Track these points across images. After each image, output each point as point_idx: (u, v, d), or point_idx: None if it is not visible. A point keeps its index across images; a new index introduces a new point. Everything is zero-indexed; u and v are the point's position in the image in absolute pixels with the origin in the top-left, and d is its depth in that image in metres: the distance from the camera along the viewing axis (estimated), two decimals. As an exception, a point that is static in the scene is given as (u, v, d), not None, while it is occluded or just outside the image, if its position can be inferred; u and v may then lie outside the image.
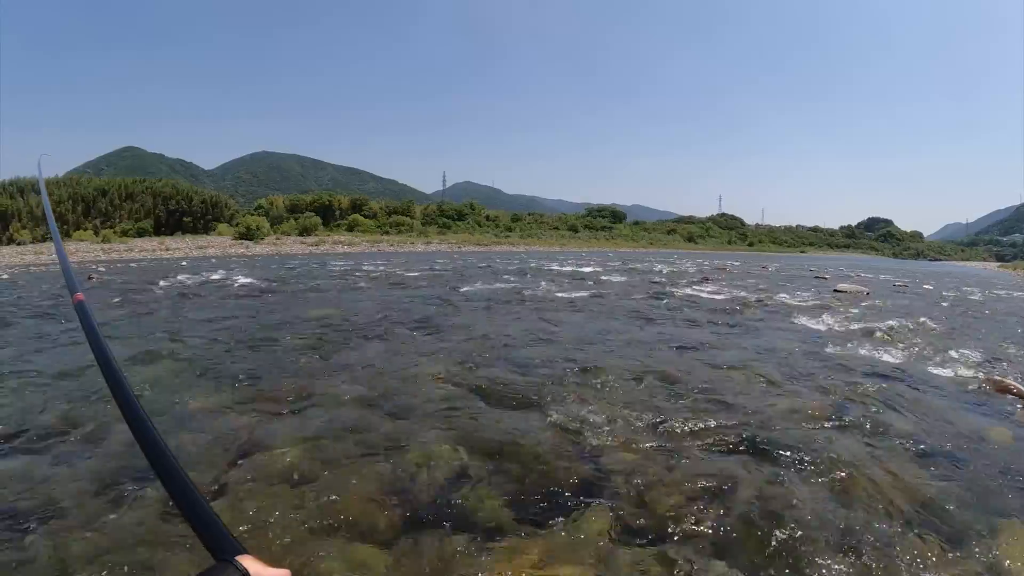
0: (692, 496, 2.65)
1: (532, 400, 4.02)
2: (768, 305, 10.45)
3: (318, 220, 47.13)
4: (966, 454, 3.31)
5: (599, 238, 62.68)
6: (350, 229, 48.50)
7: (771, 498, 2.64)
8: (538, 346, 5.99)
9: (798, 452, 3.17)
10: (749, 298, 11.40)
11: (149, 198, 40.68)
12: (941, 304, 11.99)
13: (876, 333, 7.37)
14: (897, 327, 7.90)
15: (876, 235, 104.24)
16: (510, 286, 12.68)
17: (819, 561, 2.19)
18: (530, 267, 20.34)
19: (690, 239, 71.73)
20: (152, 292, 10.75)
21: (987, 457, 3.28)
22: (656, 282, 14.93)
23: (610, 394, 4.21)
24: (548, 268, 19.97)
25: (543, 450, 3.14)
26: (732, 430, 3.49)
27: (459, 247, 40.75)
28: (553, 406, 3.87)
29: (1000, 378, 4.88)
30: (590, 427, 3.51)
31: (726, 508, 2.54)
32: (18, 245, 27.37)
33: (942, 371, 5.37)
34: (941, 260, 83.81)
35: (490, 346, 5.89)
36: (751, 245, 75.64)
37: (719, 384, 4.59)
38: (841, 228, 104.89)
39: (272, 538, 2.26)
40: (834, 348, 6.27)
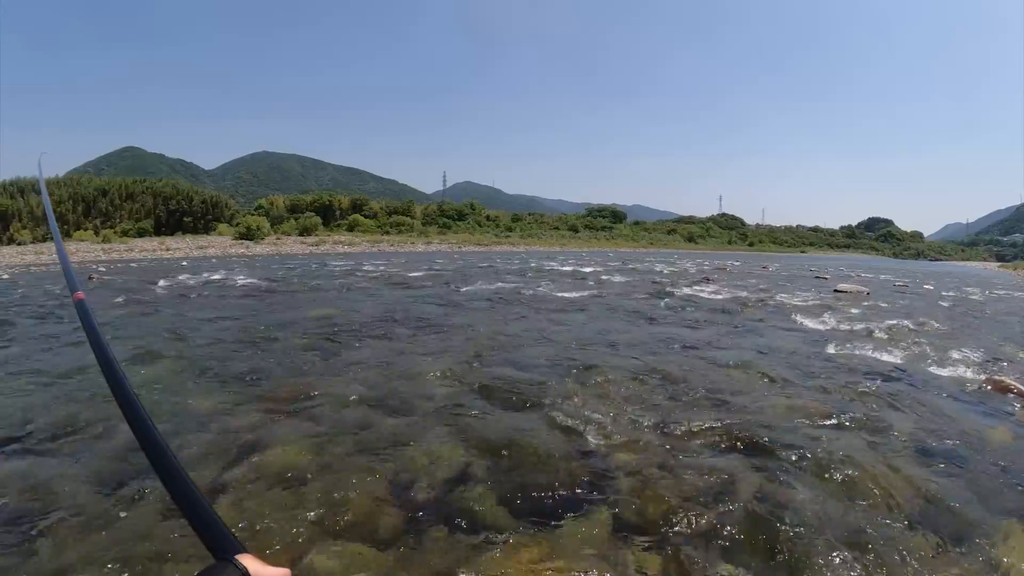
0: (693, 495, 2.65)
1: (533, 400, 4.03)
2: (768, 305, 10.45)
3: (318, 220, 47.16)
4: (966, 454, 3.31)
5: (599, 238, 62.69)
6: (350, 229, 48.53)
7: (772, 497, 2.65)
8: (539, 346, 6.00)
9: (798, 451, 3.18)
10: (749, 298, 11.40)
11: (149, 198, 40.73)
12: (941, 304, 11.98)
13: (876, 333, 7.37)
14: (897, 327, 7.90)
15: (876, 235, 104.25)
16: (511, 286, 12.68)
17: (820, 561, 2.19)
18: (530, 267, 20.34)
19: (690, 239, 71.74)
20: (153, 292, 10.76)
21: (987, 457, 3.28)
22: (656, 282, 14.93)
23: (611, 393, 4.21)
24: (548, 268, 19.97)
25: (544, 450, 3.15)
26: (733, 429, 3.49)
27: (459, 247, 40.76)
28: (554, 406, 3.88)
29: (1000, 378, 4.88)
30: (591, 426, 3.52)
31: (727, 507, 2.55)
32: (18, 245, 27.40)
33: (942, 371, 5.37)
34: (941, 260, 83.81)
35: (491, 346, 5.89)
36: (751, 245, 75.65)
37: (720, 383, 4.60)
38: (841, 228, 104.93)
39: (273, 538, 2.27)
40: (835, 348, 6.27)
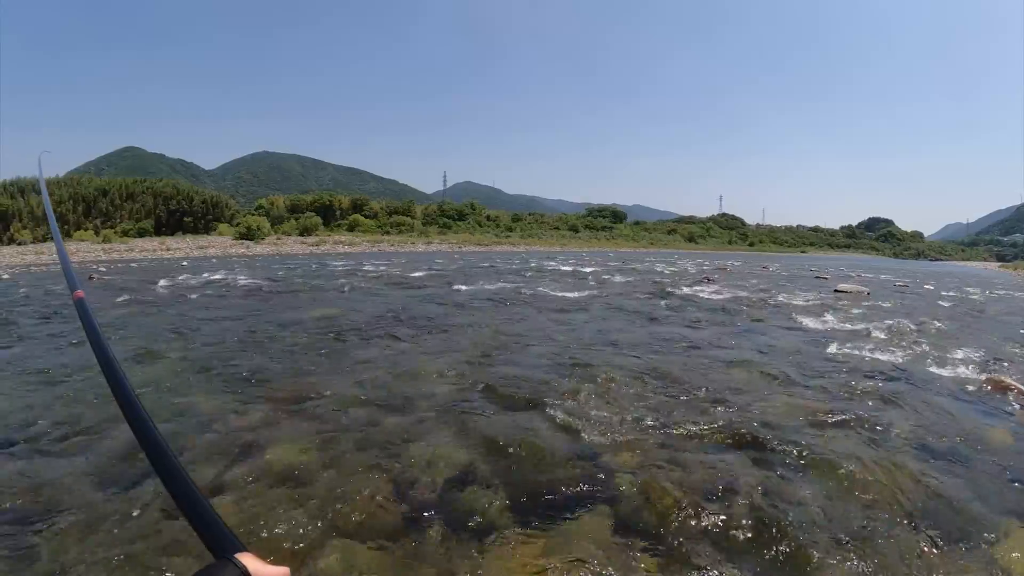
0: (694, 494, 2.65)
1: (534, 399, 4.03)
2: (769, 305, 10.45)
3: (319, 220, 47.18)
4: (967, 453, 3.31)
5: (600, 238, 62.68)
6: (351, 229, 48.55)
7: (773, 496, 2.65)
8: (540, 345, 6.00)
9: (799, 451, 3.18)
10: (750, 298, 11.40)
11: (150, 198, 40.75)
12: (942, 304, 11.98)
13: (877, 333, 7.37)
14: (898, 327, 7.90)
15: (877, 235, 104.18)
16: (511, 286, 12.68)
17: (820, 560, 2.19)
18: (531, 267, 20.34)
19: (691, 239, 71.73)
20: (153, 292, 10.76)
21: (988, 456, 3.28)
22: (657, 282, 14.93)
23: (612, 393, 4.21)
24: (549, 268, 19.97)
25: (545, 449, 3.15)
26: (733, 429, 3.49)
27: (460, 247, 40.77)
28: (555, 405, 3.88)
29: (1000, 378, 4.88)
30: (592, 426, 3.52)
31: (727, 507, 2.55)
32: (19, 245, 27.43)
33: (943, 371, 5.37)
34: (942, 260, 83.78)
35: (492, 346, 5.89)
36: (752, 245, 75.62)
37: (721, 383, 4.60)
38: (842, 228, 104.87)
39: (273, 537, 2.27)
40: (835, 348, 6.27)
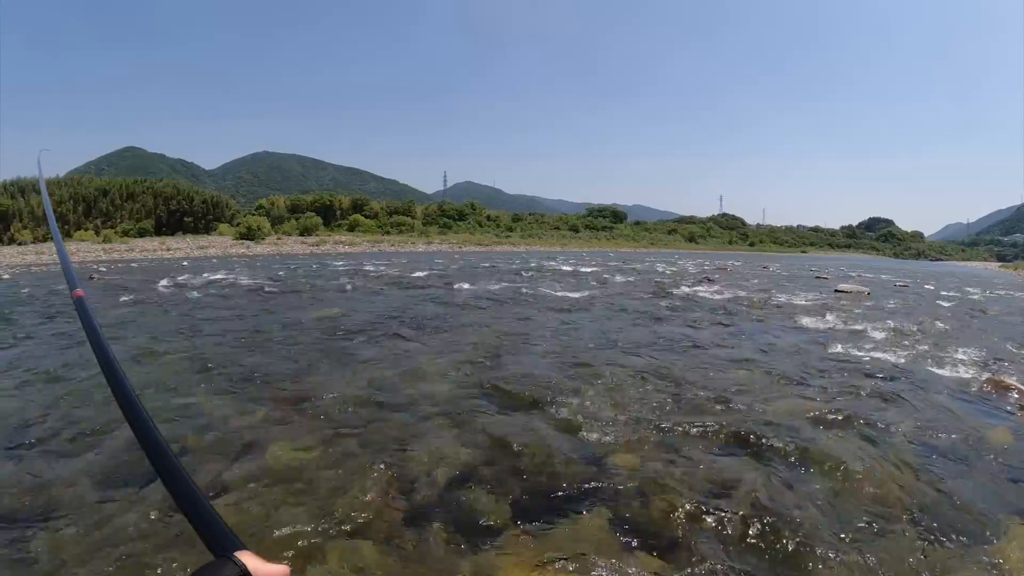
0: (694, 494, 2.66)
1: (535, 399, 4.03)
2: (769, 305, 10.45)
3: (319, 220, 47.16)
4: (967, 454, 3.31)
5: (600, 238, 62.65)
6: (351, 229, 48.53)
7: (773, 496, 2.65)
8: (541, 345, 6.00)
9: (799, 450, 3.18)
10: (751, 298, 11.41)
11: (150, 198, 40.74)
12: (942, 304, 11.98)
13: (877, 333, 7.38)
14: (898, 327, 7.90)
15: (877, 235, 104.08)
16: (512, 286, 12.69)
17: (820, 560, 2.19)
18: (531, 267, 20.35)
19: (691, 239, 71.68)
20: (154, 292, 10.77)
21: (988, 456, 3.29)
22: (657, 282, 14.94)
23: (612, 393, 4.22)
24: (549, 268, 19.97)
25: (546, 449, 3.15)
26: (733, 429, 3.50)
27: (460, 247, 40.77)
28: (556, 405, 3.89)
29: (1001, 378, 4.89)
30: (593, 426, 3.52)
31: (728, 506, 2.55)
32: (19, 245, 27.43)
33: (943, 371, 5.38)
34: (942, 260, 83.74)
35: (493, 346, 5.90)
36: (752, 245, 75.57)
37: (721, 383, 4.60)
38: (842, 228, 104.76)
39: (274, 536, 2.27)
40: (835, 348, 6.27)
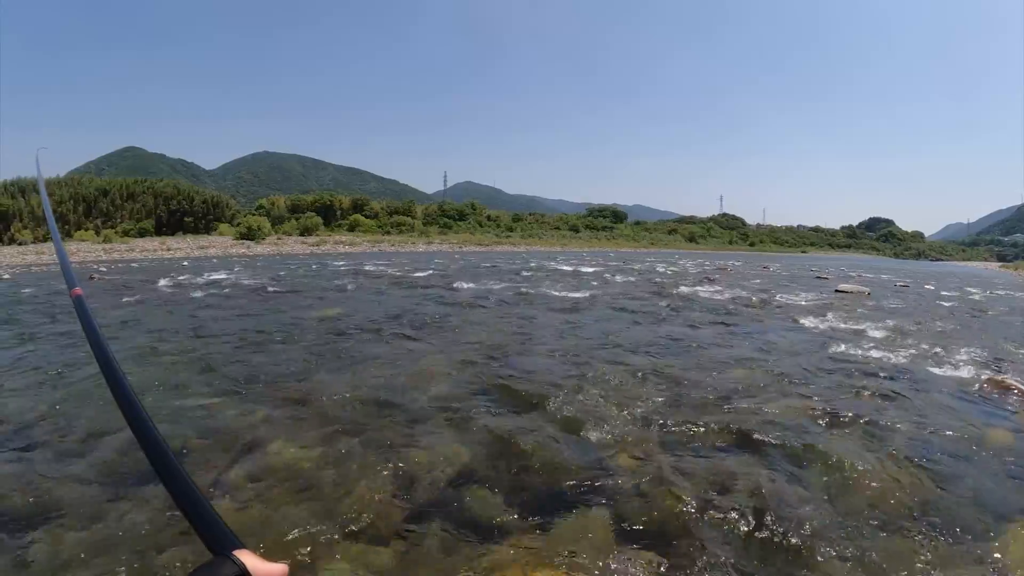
0: (695, 494, 2.66)
1: (536, 399, 4.03)
2: (770, 305, 10.45)
3: (319, 220, 47.16)
4: (967, 454, 3.31)
5: (600, 238, 62.63)
6: (351, 229, 48.52)
7: (773, 497, 2.65)
8: (541, 345, 6.00)
9: (799, 451, 3.18)
10: (751, 298, 11.41)
11: (150, 198, 40.74)
12: (942, 304, 11.98)
13: (878, 333, 7.38)
14: (898, 327, 7.90)
15: (877, 235, 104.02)
16: (512, 286, 12.69)
17: (820, 561, 2.20)
18: (532, 267, 20.35)
19: (691, 239, 71.65)
20: (154, 292, 10.77)
21: (987, 457, 3.29)
22: (658, 282, 14.94)
23: (613, 393, 4.22)
24: (550, 268, 19.97)
25: (547, 449, 3.15)
26: (734, 428, 3.50)
27: (460, 247, 40.76)
28: (557, 405, 3.89)
29: (1001, 378, 4.89)
30: (593, 426, 3.52)
31: (728, 506, 2.55)
32: (19, 245, 27.44)
33: (943, 371, 5.38)
34: (942, 260, 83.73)
35: (494, 345, 5.90)
36: (752, 245, 75.53)
37: (721, 384, 4.60)
38: (842, 228, 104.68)
39: (274, 535, 2.28)
40: (835, 348, 6.27)
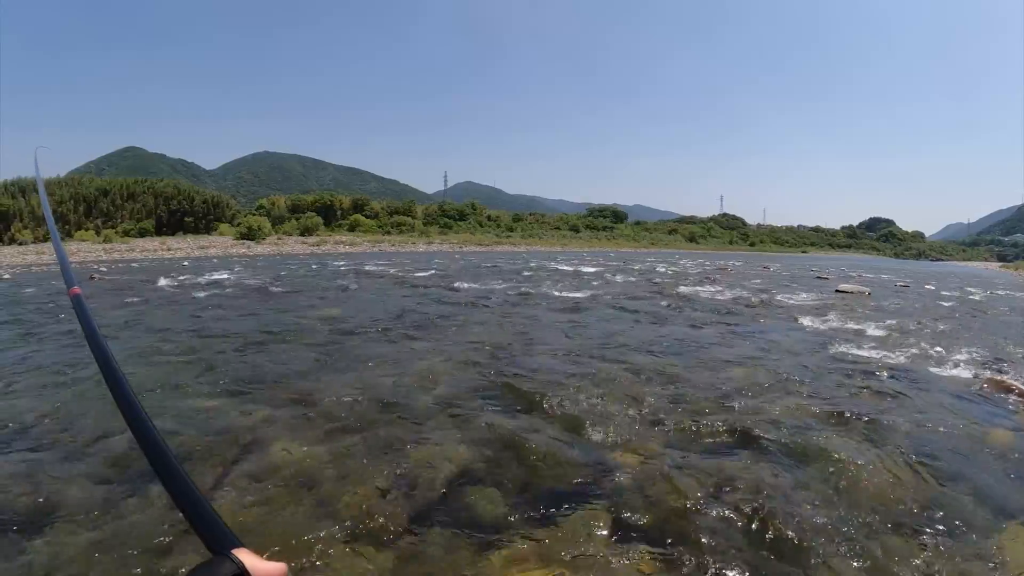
0: (695, 494, 2.65)
1: (536, 399, 4.03)
2: (770, 305, 10.45)
3: (319, 220, 47.18)
4: (967, 454, 3.31)
5: (600, 238, 62.63)
6: (351, 229, 48.55)
7: (773, 496, 2.65)
8: (542, 345, 6.00)
9: (799, 452, 3.18)
10: (751, 298, 11.40)
11: (151, 198, 40.76)
12: (943, 304, 11.97)
13: (878, 333, 7.37)
14: (899, 327, 7.90)
15: (877, 235, 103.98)
16: (513, 286, 12.69)
17: (820, 561, 2.19)
18: (532, 267, 20.35)
19: (691, 239, 71.66)
20: (154, 292, 10.77)
21: (987, 457, 3.28)
22: (658, 282, 14.93)
23: (613, 393, 4.21)
24: (550, 268, 19.97)
25: (547, 450, 3.15)
26: (734, 429, 3.49)
27: (461, 247, 40.76)
28: (557, 405, 3.88)
29: (1001, 378, 4.88)
30: (594, 425, 3.52)
31: (729, 506, 2.55)
32: (20, 245, 27.46)
33: (943, 371, 5.37)
34: (943, 260, 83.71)
35: (494, 346, 5.90)
36: (752, 245, 75.52)
37: (721, 384, 4.60)
38: (842, 228, 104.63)
39: (274, 535, 2.27)
40: (836, 348, 6.27)
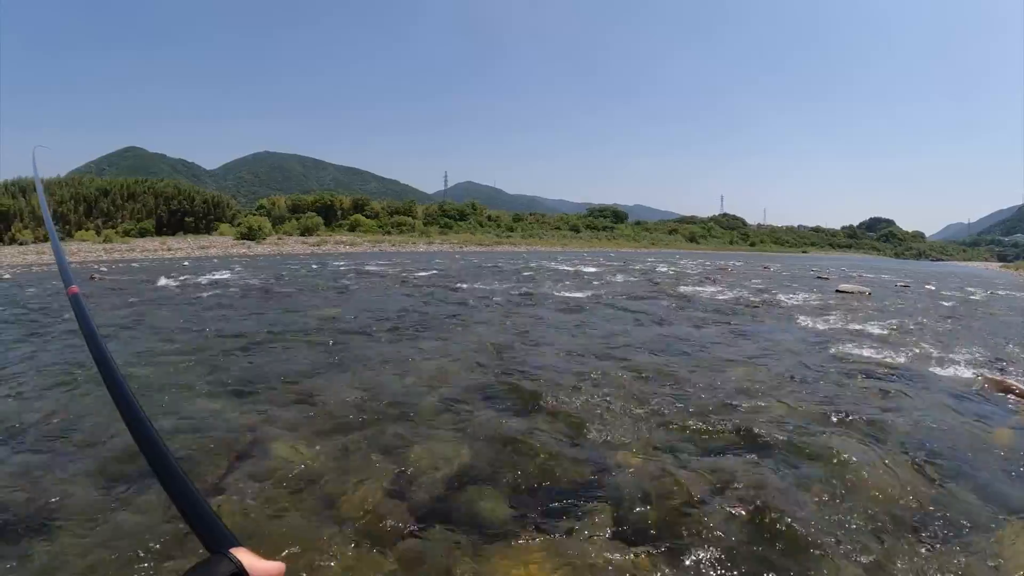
0: (694, 495, 2.66)
1: (537, 399, 4.03)
2: (771, 305, 10.45)
3: (320, 220, 47.16)
4: (967, 454, 3.31)
5: (600, 238, 62.61)
6: (352, 229, 48.53)
7: (774, 496, 2.65)
8: (542, 346, 6.01)
9: (799, 452, 3.18)
10: (752, 298, 11.40)
11: (151, 198, 40.75)
12: (943, 304, 11.97)
13: (878, 333, 7.37)
14: (899, 327, 7.90)
15: (878, 235, 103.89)
16: (513, 286, 12.69)
17: (820, 561, 2.19)
18: (533, 267, 20.34)
19: (692, 239, 71.62)
20: (154, 292, 10.78)
21: (988, 456, 3.28)
22: (658, 282, 14.94)
23: (614, 393, 4.22)
24: (551, 268, 19.97)
25: (547, 450, 3.16)
26: (735, 429, 3.50)
27: (461, 247, 40.76)
28: (557, 406, 3.89)
29: (1001, 378, 4.88)
30: (594, 426, 3.52)
31: (729, 506, 2.55)
32: (20, 245, 27.46)
33: (943, 371, 5.37)
34: (943, 260, 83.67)
35: (494, 346, 5.90)
36: (753, 245, 75.47)
37: (721, 384, 4.60)
38: (843, 228, 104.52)
39: (274, 535, 2.28)
40: (836, 348, 6.27)
